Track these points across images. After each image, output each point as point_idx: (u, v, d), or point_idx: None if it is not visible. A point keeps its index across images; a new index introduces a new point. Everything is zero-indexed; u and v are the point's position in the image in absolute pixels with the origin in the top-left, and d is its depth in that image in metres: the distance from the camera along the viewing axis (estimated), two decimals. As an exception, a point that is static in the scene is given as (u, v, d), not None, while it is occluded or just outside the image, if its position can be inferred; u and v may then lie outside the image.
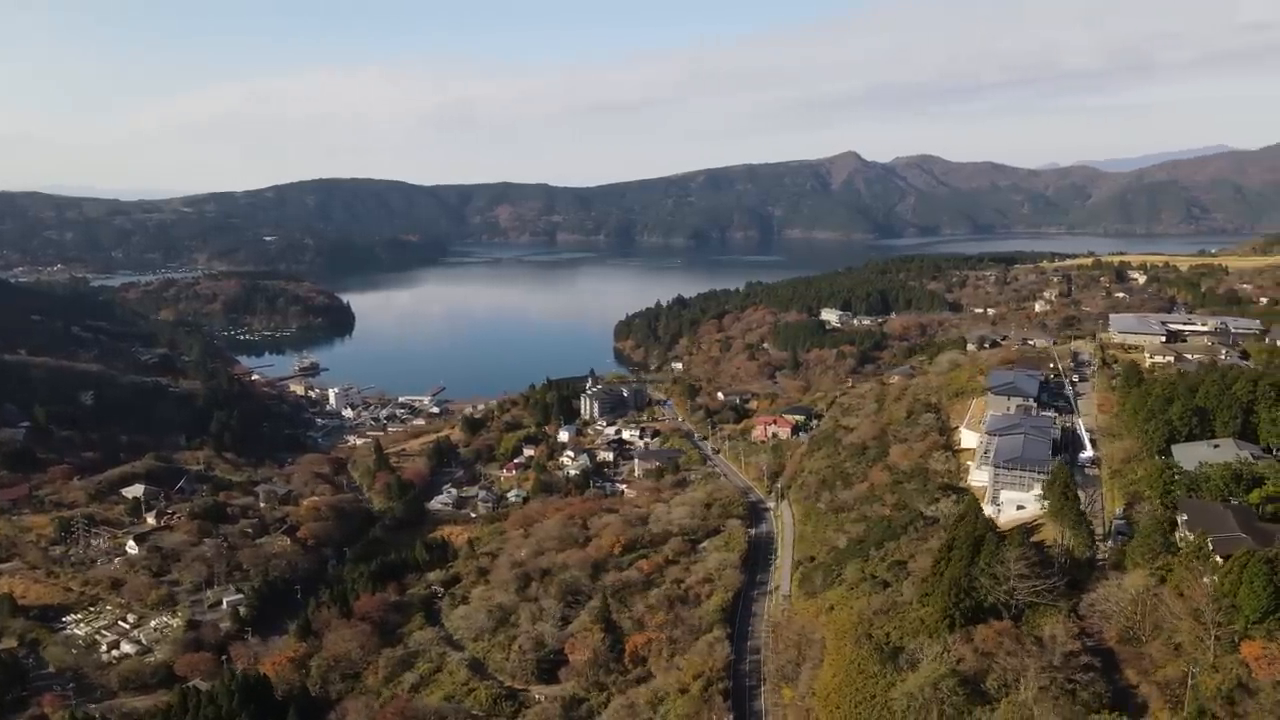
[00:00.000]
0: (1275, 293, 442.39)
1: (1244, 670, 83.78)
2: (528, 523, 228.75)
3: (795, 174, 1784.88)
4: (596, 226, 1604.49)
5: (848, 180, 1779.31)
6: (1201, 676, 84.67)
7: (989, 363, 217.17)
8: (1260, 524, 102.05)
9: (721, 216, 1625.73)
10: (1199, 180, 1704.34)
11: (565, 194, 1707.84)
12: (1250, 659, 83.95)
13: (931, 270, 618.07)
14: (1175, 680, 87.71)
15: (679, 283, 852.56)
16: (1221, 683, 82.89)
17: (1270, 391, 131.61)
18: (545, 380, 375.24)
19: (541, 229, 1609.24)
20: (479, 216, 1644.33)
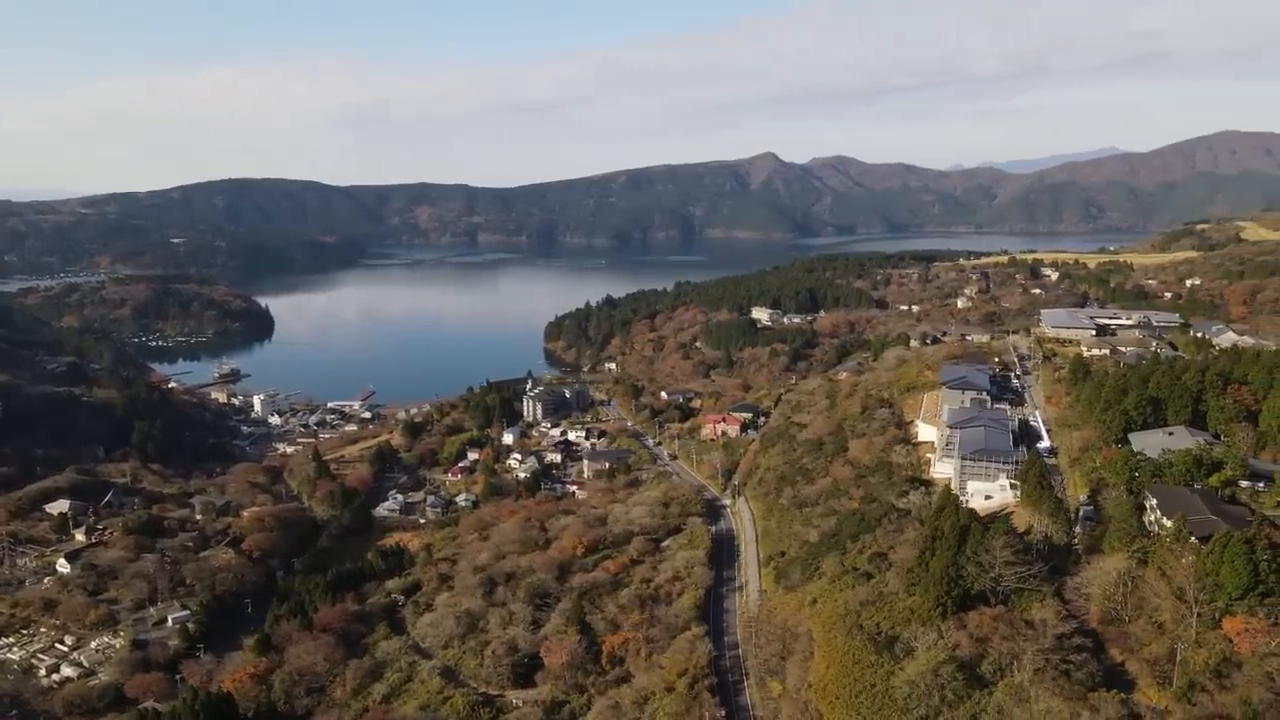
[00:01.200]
0: (1178, 288, 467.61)
1: (1227, 645, 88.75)
2: (483, 527, 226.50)
3: (715, 174, 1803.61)
4: (518, 227, 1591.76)
5: (766, 181, 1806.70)
6: (1187, 653, 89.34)
7: (934, 358, 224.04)
8: (1224, 506, 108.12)
9: (643, 217, 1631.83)
10: (1095, 181, 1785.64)
11: (486, 194, 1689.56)
12: (1233, 634, 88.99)
13: (856, 269, 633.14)
14: (1161, 657, 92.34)
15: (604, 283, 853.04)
16: (1209, 657, 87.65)
17: (1217, 381, 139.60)
18: (485, 383, 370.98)
19: (462, 230, 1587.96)
20: (398, 217, 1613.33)
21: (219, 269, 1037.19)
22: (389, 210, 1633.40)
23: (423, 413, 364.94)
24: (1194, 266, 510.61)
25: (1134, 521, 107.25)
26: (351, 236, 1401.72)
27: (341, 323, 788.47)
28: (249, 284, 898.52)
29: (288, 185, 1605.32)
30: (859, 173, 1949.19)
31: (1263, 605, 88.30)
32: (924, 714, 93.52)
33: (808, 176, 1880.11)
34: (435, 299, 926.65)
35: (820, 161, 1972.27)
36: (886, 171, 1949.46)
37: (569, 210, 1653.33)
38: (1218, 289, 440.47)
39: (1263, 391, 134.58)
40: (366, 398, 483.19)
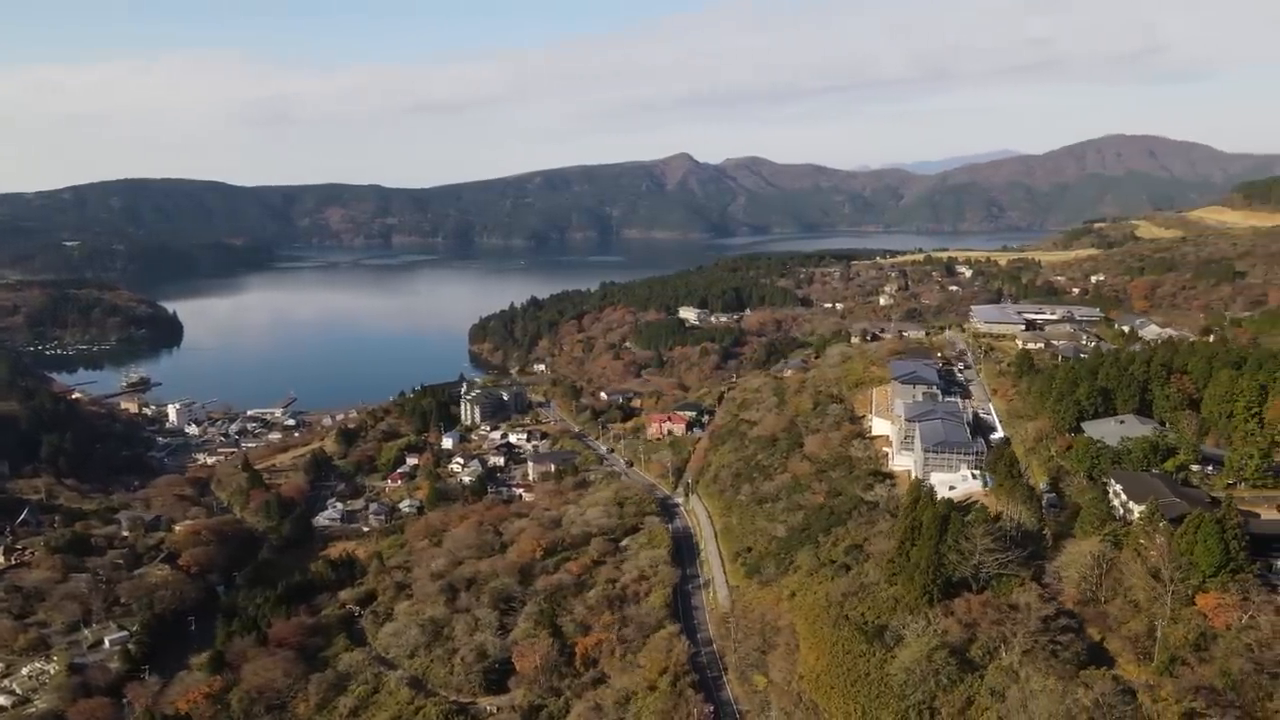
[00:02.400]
0: (1084, 284, 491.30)
1: (1203, 620, 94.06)
2: (432, 533, 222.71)
3: (631, 175, 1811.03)
4: (434, 228, 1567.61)
5: (682, 181, 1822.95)
6: (1166, 629, 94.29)
7: (878, 355, 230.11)
8: (1183, 489, 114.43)
9: (560, 217, 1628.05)
10: (995, 182, 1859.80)
11: (400, 195, 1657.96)
12: (1207, 610, 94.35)
13: (779, 268, 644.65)
14: (1140, 635, 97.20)
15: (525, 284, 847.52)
16: (1187, 632, 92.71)
17: (1161, 372, 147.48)
18: (418, 386, 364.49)
19: (376, 231, 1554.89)
20: (308, 219, 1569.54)
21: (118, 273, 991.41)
22: (298, 211, 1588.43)
23: (355, 418, 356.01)
24: (1098, 263, 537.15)
25: (1104, 506, 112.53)
26: (260, 239, 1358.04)
27: (254, 328, 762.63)
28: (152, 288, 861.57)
29: (188, 185, 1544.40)
30: (771, 173, 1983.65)
31: (1234, 581, 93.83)
32: (920, 699, 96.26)
33: (722, 177, 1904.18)
34: (352, 302, 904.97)
35: (734, 162, 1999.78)
36: (798, 172, 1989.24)
37: (486, 211, 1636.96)
38: (1121, 284, 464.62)
39: (1202, 381, 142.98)
40: (288, 404, 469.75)
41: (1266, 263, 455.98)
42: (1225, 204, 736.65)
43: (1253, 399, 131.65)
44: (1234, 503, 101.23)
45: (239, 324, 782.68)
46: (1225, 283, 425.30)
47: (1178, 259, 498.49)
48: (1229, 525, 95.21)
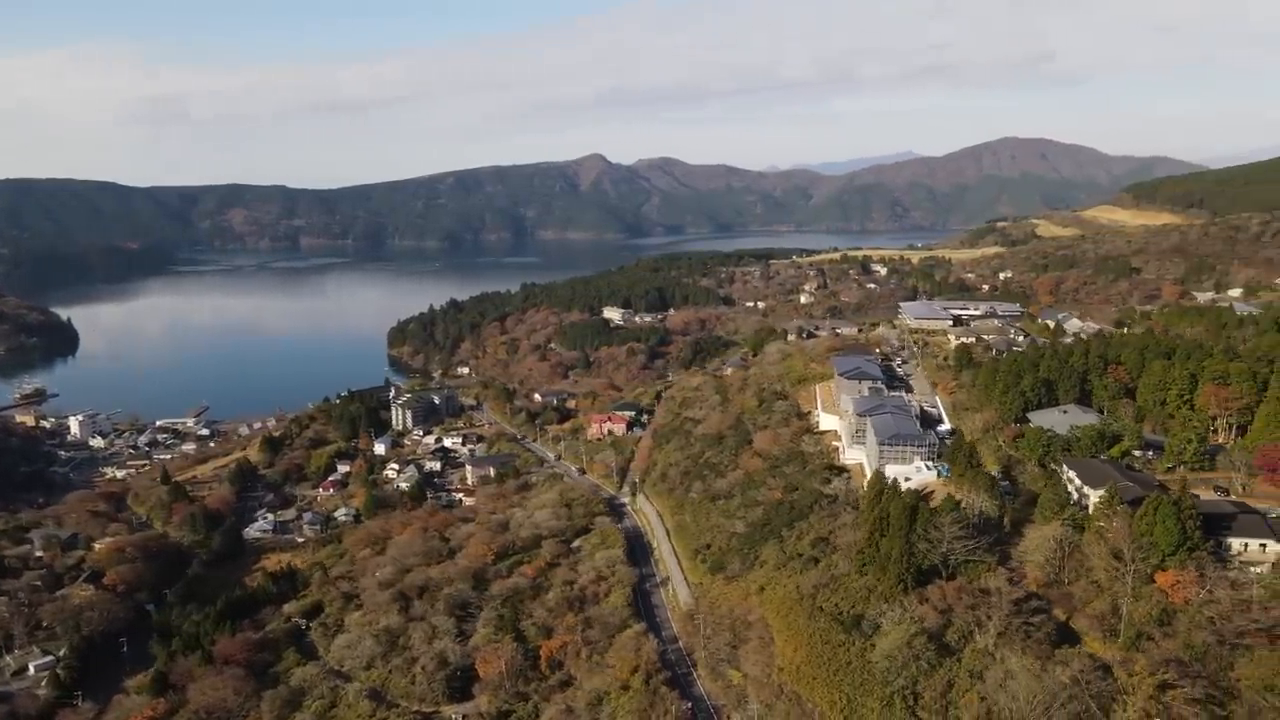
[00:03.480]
0: (993, 281, 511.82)
1: (1163, 597, 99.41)
2: (373, 541, 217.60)
3: (544, 175, 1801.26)
4: (343, 230, 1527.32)
5: (595, 181, 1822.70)
6: (1130, 606, 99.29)
7: (817, 351, 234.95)
8: (1131, 473, 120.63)
9: (473, 218, 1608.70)
10: (899, 183, 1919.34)
11: (307, 196, 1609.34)
12: (1166, 587, 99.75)
13: (700, 267, 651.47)
14: (1105, 613, 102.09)
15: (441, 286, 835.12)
16: (1151, 609, 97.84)
17: (1099, 363, 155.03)
18: (346, 392, 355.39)
19: (283, 233, 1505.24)
20: (209, 221, 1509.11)
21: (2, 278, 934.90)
22: (199, 213, 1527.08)
23: (279, 426, 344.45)
24: (1004, 261, 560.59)
25: (1061, 492, 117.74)
26: (157, 241, 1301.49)
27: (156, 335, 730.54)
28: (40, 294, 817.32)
29: (77, 186, 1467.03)
30: (684, 174, 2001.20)
31: (1191, 559, 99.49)
32: (903, 684, 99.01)
33: (635, 177, 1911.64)
34: (260, 307, 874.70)
35: (646, 163, 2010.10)
36: (710, 172, 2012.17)
37: (397, 212, 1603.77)
38: (1027, 281, 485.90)
39: (1136, 371, 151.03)
40: (201, 413, 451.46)
41: (1159, 259, 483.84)
42: (1116, 203, 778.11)
43: (1184, 387, 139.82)
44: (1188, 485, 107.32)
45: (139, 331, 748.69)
46: (1123, 278, 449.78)
47: (1078, 256, 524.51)
48: (1184, 507, 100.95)
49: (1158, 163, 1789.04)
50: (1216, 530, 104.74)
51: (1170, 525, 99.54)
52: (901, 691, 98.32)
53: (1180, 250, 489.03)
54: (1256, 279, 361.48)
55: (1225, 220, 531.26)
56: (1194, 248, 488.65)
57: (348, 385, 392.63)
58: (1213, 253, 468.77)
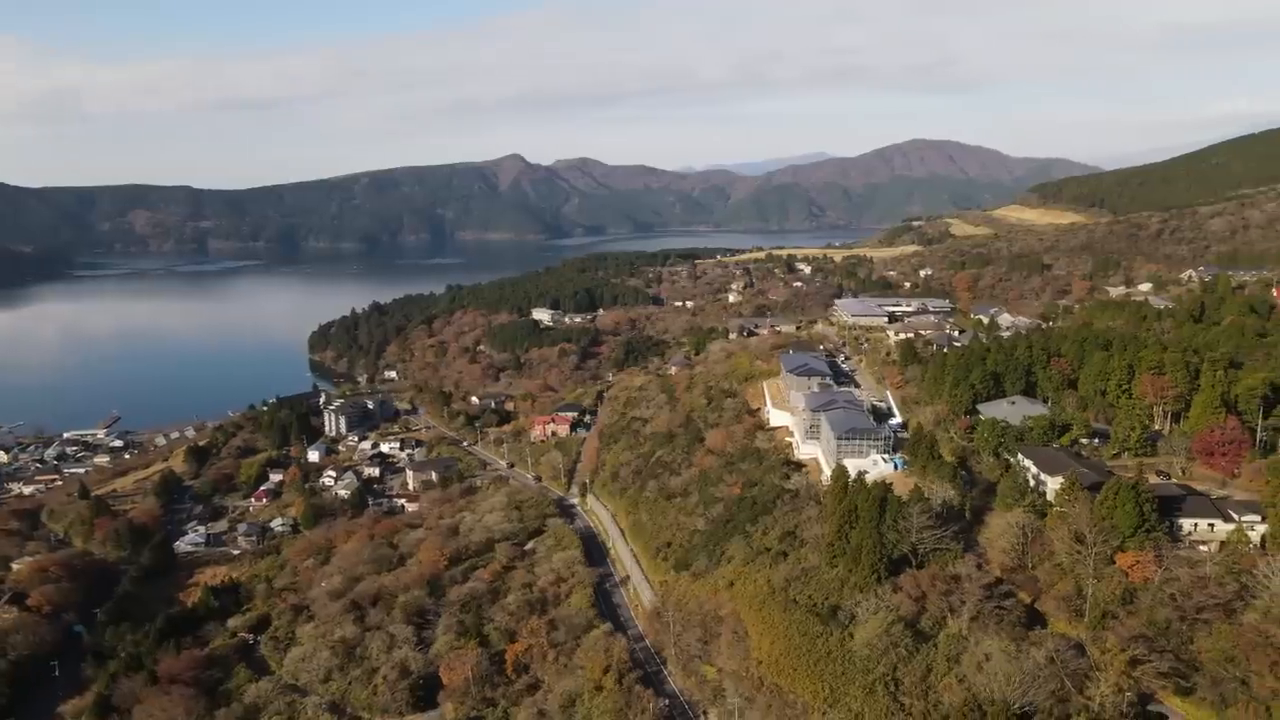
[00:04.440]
0: (914, 278, 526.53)
1: (1124, 577, 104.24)
2: (316, 550, 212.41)
3: (462, 176, 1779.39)
4: (254, 232, 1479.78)
5: (514, 182, 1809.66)
6: (1095, 587, 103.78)
7: (761, 349, 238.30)
8: (1085, 460, 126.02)
9: (391, 219, 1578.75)
10: (814, 183, 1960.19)
11: (214, 197, 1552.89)
12: (1126, 567, 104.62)
13: (628, 267, 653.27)
14: (1070, 595, 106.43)
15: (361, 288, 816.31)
16: (1115, 588, 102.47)
17: (1042, 356, 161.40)
18: (275, 398, 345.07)
19: (189, 236, 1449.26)
20: (109, 223, 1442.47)
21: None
22: (98, 215, 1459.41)
23: (204, 435, 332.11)
24: (924, 259, 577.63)
25: (1020, 480, 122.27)
26: (52, 245, 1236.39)
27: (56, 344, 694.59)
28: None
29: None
30: (603, 174, 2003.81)
31: (1149, 540, 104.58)
32: (884, 671, 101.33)
33: (554, 178, 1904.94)
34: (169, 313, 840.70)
35: (565, 163, 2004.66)
36: (628, 173, 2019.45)
37: (311, 214, 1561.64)
38: (946, 278, 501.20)
39: (1077, 362, 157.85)
40: (111, 424, 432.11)
41: (1068, 256, 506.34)
42: (1023, 203, 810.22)
43: (1123, 377, 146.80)
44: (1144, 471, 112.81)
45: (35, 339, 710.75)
46: (1035, 274, 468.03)
47: (993, 254, 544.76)
48: (1141, 491, 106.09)
49: (1056, 164, 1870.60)
50: (1169, 512, 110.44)
51: (1129, 508, 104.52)
52: (883, 678, 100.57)
53: (1088, 247, 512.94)
54: (1159, 274, 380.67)
55: (1127, 219, 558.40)
56: (1100, 245, 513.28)
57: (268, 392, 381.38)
58: (1117, 249, 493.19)
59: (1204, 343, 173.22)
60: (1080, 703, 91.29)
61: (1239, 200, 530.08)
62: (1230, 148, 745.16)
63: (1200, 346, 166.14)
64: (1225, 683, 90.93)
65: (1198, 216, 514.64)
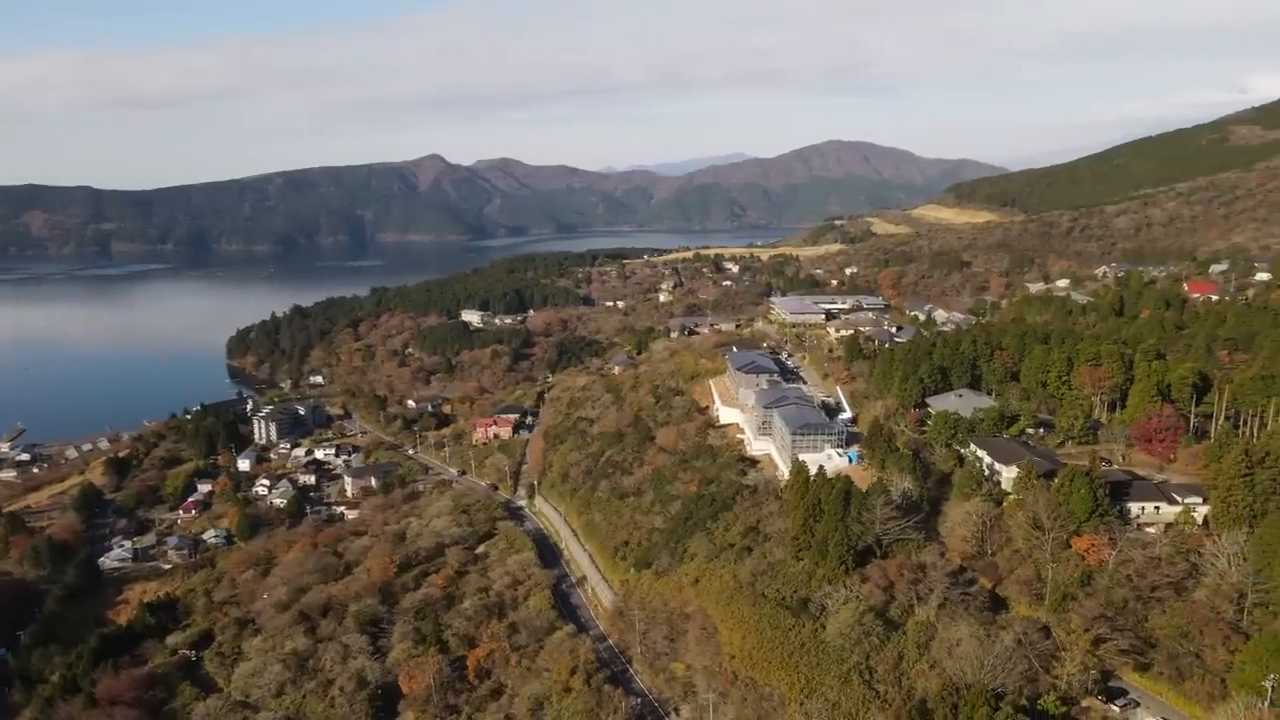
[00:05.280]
0: (840, 276, 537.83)
1: (1080, 560, 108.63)
2: (255, 562, 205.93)
3: (381, 176, 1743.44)
4: (162, 235, 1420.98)
5: (435, 182, 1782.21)
6: (1055, 571, 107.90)
7: (703, 348, 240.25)
8: (1036, 449, 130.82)
9: (307, 220, 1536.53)
10: (735, 183, 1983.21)
11: (117, 198, 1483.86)
12: (1082, 550, 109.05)
13: (557, 268, 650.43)
14: (1030, 579, 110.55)
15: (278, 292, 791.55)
16: (1072, 571, 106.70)
17: (986, 350, 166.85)
18: (198, 406, 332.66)
19: (90, 238, 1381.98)
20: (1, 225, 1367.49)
21: None
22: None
23: (124, 446, 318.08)
24: (849, 257, 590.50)
25: (978, 470, 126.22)
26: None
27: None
28: None
29: None
30: (524, 175, 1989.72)
31: (1103, 524, 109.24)
32: (858, 660, 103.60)
33: (475, 179, 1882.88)
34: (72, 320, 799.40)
35: (486, 164, 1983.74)
36: (550, 174, 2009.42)
37: (222, 215, 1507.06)
38: (871, 275, 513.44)
39: (1019, 356, 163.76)
40: (17, 437, 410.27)
41: (985, 254, 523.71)
42: (940, 202, 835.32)
43: (1063, 369, 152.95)
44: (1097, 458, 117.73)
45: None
46: (956, 272, 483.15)
47: (914, 252, 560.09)
48: (1095, 477, 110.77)
49: (965, 165, 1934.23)
50: (1118, 497, 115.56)
51: (1084, 494, 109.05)
52: (857, 667, 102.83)
53: (1004, 245, 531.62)
54: (1073, 271, 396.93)
55: (1040, 218, 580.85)
56: (1015, 243, 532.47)
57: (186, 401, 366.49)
58: (1031, 247, 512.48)
59: (1130, 335, 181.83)
60: (1048, 682, 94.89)
61: (1142, 199, 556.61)
62: (1130, 149, 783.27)
63: (1129, 339, 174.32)
64: (1181, 657, 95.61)
65: (1105, 215, 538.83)
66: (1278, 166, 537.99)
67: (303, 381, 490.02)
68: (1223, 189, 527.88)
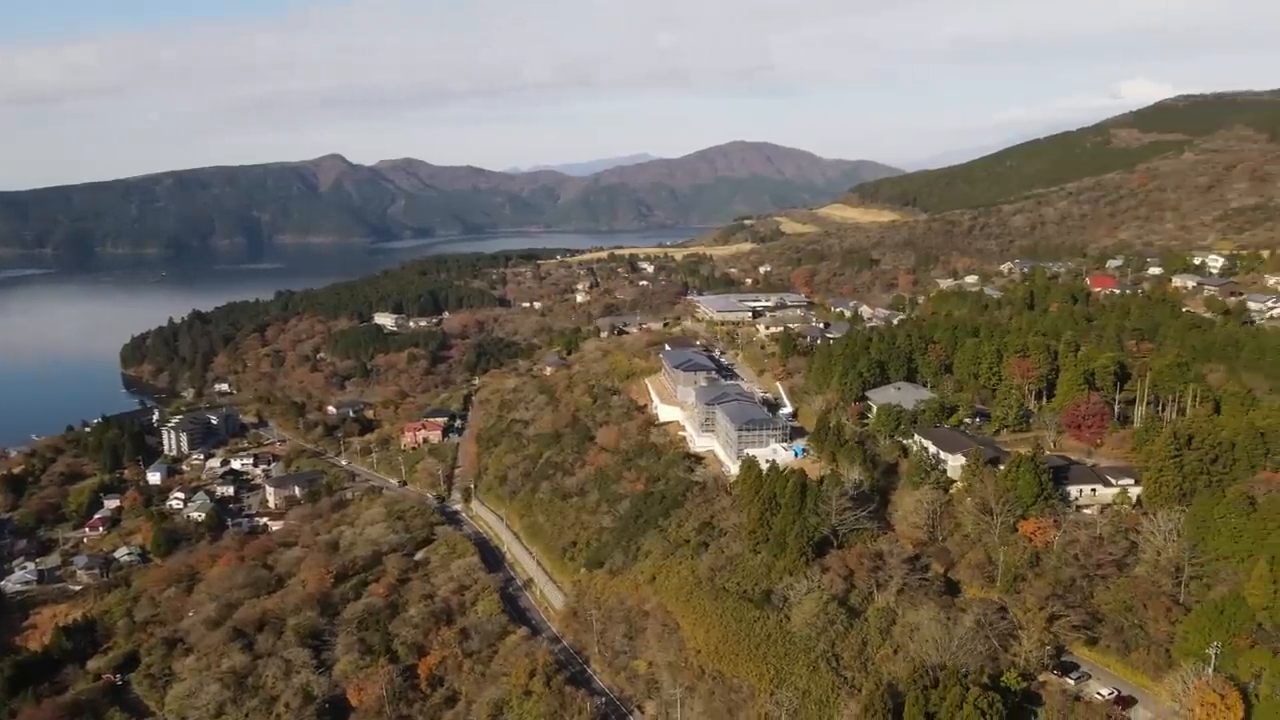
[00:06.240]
0: (754, 274, 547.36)
1: (1028, 542, 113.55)
2: (177, 579, 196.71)
3: (279, 177, 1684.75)
4: (40, 237, 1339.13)
5: (336, 183, 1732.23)
6: (1005, 554, 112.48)
7: (636, 347, 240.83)
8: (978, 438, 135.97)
9: (201, 222, 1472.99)
10: (642, 184, 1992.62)
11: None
12: (1029, 533, 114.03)
13: (470, 269, 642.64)
14: (981, 562, 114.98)
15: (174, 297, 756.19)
16: (1021, 553, 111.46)
17: (921, 344, 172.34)
18: (99, 418, 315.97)
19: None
20: None
21: None
22: None
23: (16, 462, 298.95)
24: (761, 256, 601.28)
25: (925, 459, 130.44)
26: None
27: None
28: None
29: None
30: (429, 175, 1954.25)
31: (1048, 507, 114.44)
32: (824, 648, 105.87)
33: (378, 179, 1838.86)
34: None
35: (389, 164, 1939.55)
36: (456, 174, 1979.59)
37: (106, 217, 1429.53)
38: (785, 274, 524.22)
39: (952, 348, 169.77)
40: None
41: (893, 251, 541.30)
42: (845, 202, 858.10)
43: (993, 361, 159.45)
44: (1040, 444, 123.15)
45: None
46: (866, 269, 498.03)
47: (825, 250, 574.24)
48: (1039, 463, 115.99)
49: (864, 166, 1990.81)
50: (1059, 481, 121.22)
51: (1030, 479, 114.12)
52: (824, 655, 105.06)
53: (910, 244, 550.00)
54: (979, 267, 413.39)
55: (943, 217, 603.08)
56: (920, 241, 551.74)
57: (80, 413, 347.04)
58: (935, 245, 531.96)
59: (1047, 328, 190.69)
60: (1007, 660, 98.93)
61: (1035, 199, 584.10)
62: (1021, 151, 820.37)
63: (1047, 331, 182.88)
64: (1126, 630, 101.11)
65: (1002, 214, 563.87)
66: (1156, 168, 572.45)
67: (207, 390, 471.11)
68: (1108, 189, 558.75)
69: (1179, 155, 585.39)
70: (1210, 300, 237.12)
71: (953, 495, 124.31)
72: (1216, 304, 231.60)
